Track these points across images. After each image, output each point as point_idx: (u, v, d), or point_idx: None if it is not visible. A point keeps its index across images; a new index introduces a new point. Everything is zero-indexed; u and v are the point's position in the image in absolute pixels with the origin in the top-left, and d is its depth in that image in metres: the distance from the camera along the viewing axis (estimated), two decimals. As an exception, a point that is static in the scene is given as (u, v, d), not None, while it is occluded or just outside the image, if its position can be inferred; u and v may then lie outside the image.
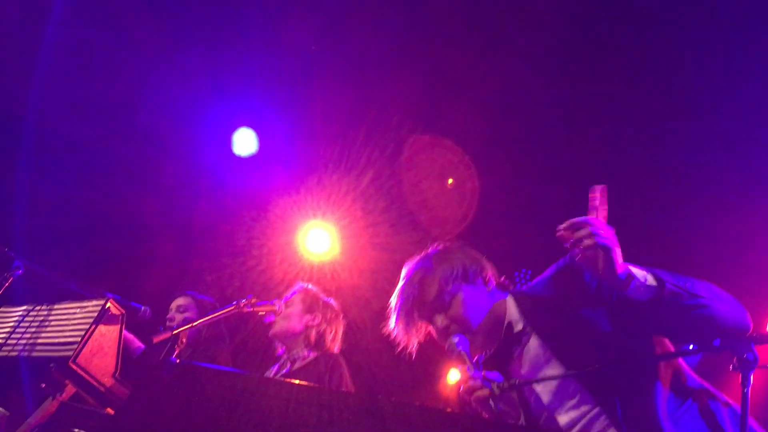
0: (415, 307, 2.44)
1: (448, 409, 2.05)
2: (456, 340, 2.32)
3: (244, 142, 6.93)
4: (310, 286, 4.20)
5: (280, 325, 3.90)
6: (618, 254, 1.99)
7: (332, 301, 4.16)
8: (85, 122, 6.34)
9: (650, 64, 5.64)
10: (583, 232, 1.97)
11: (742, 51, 5.22)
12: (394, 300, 2.52)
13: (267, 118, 6.88)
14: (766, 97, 5.31)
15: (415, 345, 2.49)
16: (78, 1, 5.66)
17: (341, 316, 4.14)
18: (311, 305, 4.02)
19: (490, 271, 2.52)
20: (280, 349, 4.00)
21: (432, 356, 8.17)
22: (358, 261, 7.49)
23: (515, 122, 6.39)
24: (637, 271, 2.03)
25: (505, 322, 2.39)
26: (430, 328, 2.48)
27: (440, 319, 2.38)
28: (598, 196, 2.07)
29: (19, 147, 6.16)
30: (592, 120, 6.08)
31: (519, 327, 2.37)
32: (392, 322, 2.49)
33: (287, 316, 3.92)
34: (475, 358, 2.40)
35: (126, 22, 5.91)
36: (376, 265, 7.31)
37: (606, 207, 2.06)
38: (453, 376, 8.38)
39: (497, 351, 2.40)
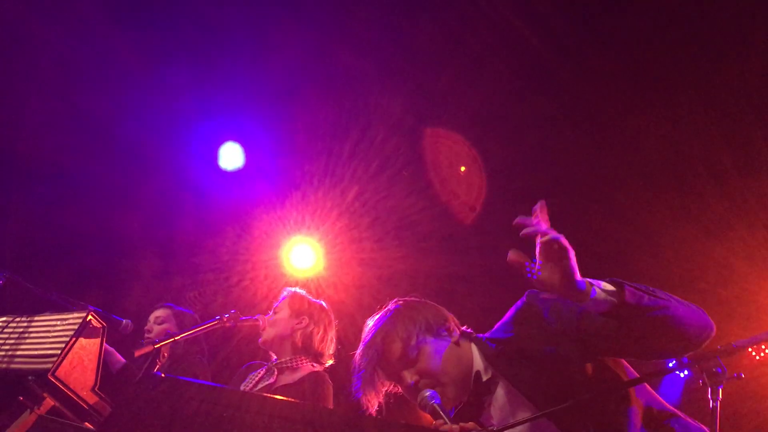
0: (380, 367, 2.40)
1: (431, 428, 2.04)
2: (427, 394, 2.27)
3: (231, 156, 6.92)
4: (297, 290, 4.12)
5: (268, 333, 3.83)
6: (574, 260, 1.96)
7: (322, 303, 4.07)
8: (68, 136, 6.31)
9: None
10: (543, 228, 1.97)
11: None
12: (357, 360, 2.47)
13: (253, 132, 6.88)
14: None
15: (376, 407, 2.43)
16: (62, 16, 5.65)
17: (332, 316, 4.05)
18: (299, 309, 3.93)
19: (452, 322, 2.50)
20: (272, 358, 3.94)
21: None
22: (342, 277, 7.48)
23: (500, 137, 6.45)
24: (594, 281, 2.02)
25: (474, 372, 2.37)
26: (393, 387, 2.44)
27: (409, 375, 2.34)
28: (538, 212, 2.07)
29: (3, 161, 6.12)
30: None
31: (488, 375, 2.34)
32: (355, 383, 2.44)
33: (275, 322, 3.86)
34: (448, 410, 2.35)
35: (111, 37, 5.90)
36: (360, 281, 7.31)
37: (548, 221, 2.07)
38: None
39: (468, 402, 2.36)
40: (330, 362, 3.96)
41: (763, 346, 6.57)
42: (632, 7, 5.29)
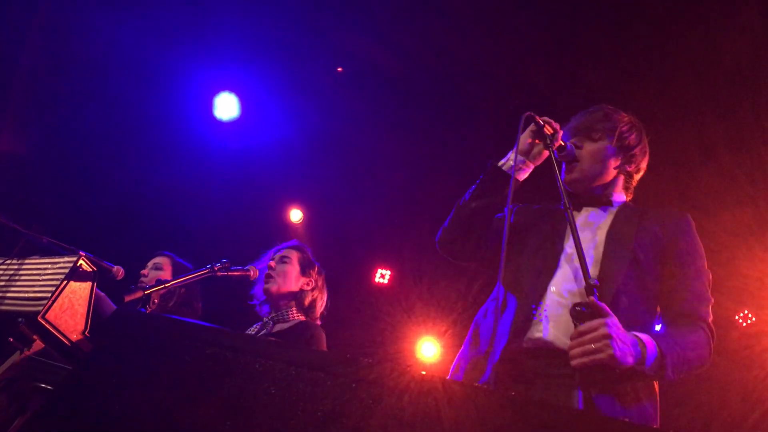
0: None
1: (423, 372, 2.02)
2: None
3: (226, 106, 6.84)
4: (304, 246, 4.06)
5: (276, 283, 3.75)
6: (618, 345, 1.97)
7: (320, 266, 4.04)
8: (62, 81, 6.22)
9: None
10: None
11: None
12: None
13: (249, 82, 6.79)
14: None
15: None
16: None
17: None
18: (307, 267, 3.90)
19: None
20: (263, 308, 3.89)
21: (403, 332, 8.19)
22: (334, 228, 7.48)
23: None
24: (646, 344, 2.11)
25: None
26: None
27: None
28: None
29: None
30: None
31: None
32: None
33: (285, 273, 3.78)
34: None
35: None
36: (352, 235, 7.30)
37: None
38: (426, 349, 8.35)
39: None
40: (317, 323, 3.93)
41: (747, 313, 6.57)
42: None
